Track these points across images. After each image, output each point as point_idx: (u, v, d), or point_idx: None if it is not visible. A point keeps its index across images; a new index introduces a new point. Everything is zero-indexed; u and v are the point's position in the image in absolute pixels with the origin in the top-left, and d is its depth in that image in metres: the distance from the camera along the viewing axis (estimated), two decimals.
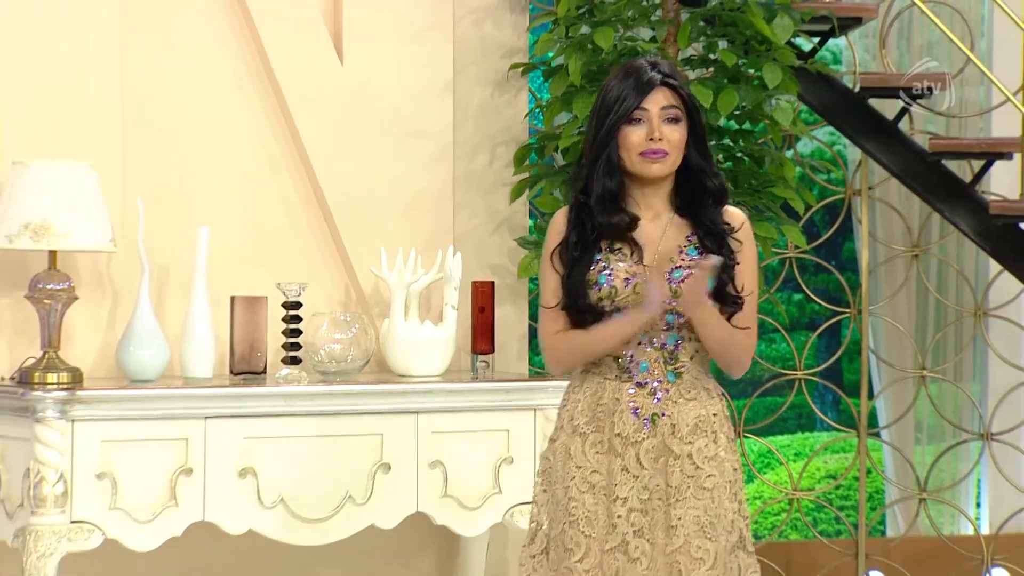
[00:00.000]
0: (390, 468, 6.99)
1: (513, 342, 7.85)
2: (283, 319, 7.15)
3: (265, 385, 7.02)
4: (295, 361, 7.13)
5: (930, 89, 8.25)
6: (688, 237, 5.37)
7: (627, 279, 5.32)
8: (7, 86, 7.11)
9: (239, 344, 7.12)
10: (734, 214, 5.42)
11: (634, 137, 5.32)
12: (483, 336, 7.45)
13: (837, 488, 10.44)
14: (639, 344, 5.36)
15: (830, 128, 8.62)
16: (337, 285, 7.59)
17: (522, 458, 7.18)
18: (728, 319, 5.34)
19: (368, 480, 6.96)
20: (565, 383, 7.23)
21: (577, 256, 5.38)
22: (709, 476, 5.32)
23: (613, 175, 5.36)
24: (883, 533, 9.69)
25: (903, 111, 8.31)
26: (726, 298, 5.33)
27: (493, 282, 7.55)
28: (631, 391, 5.37)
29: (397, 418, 7.05)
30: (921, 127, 8.80)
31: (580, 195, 5.42)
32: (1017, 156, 8.14)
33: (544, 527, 5.46)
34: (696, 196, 5.39)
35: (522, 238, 7.75)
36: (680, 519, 5.30)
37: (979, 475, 9.73)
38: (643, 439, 5.35)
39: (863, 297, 9.04)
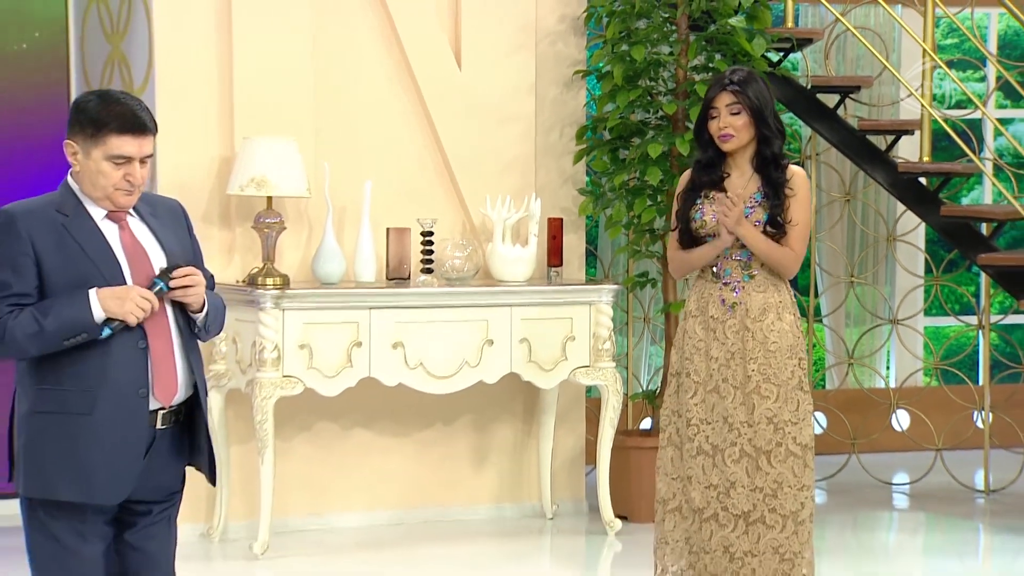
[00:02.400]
0: (493, 343, 7.10)
1: (575, 259, 7.75)
2: (421, 243, 7.18)
3: (409, 287, 7.10)
4: (429, 271, 7.16)
5: (858, 87, 8.26)
6: (759, 187, 5.45)
7: (712, 216, 5.42)
8: (240, 84, 7.15)
9: (392, 259, 7.16)
10: (793, 172, 5.48)
11: (712, 127, 5.43)
12: (555, 255, 7.44)
13: None
14: (725, 258, 5.45)
15: (790, 113, 8.42)
16: (457, 220, 7.57)
17: (581, 337, 7.25)
18: (779, 240, 5.42)
19: (478, 351, 7.08)
20: (613, 287, 7.41)
21: (687, 198, 5.51)
22: (773, 342, 5.42)
23: (706, 150, 5.49)
24: (824, 386, 9.57)
25: (840, 101, 8.24)
26: (775, 224, 5.42)
27: (561, 219, 7.54)
28: (720, 288, 5.47)
29: (497, 309, 7.14)
30: (852, 112, 8.63)
31: (696, 161, 5.57)
32: (917, 132, 8.03)
33: (675, 374, 5.57)
34: (763, 160, 5.48)
35: (581, 188, 7.70)
36: (753, 371, 5.41)
37: (888, 347, 9.64)
38: (727, 319, 5.45)
39: (812, 228, 8.68)
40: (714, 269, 5.51)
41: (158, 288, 3.86)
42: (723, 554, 5.44)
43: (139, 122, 3.87)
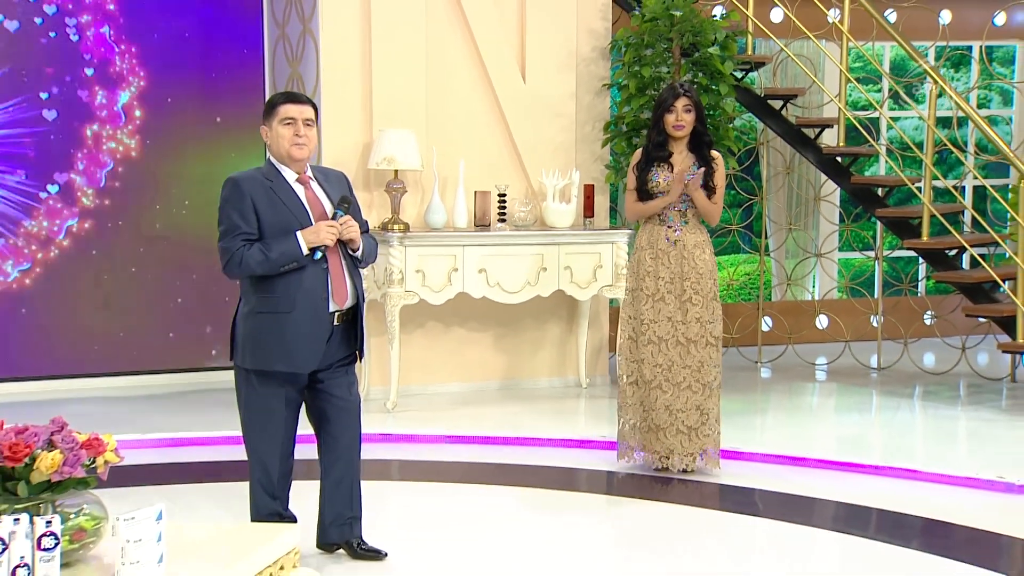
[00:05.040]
0: (546, 269, 7.12)
1: (603, 211, 7.68)
2: (497, 201, 7.20)
3: (490, 231, 7.08)
4: (503, 220, 7.18)
5: (795, 95, 8.16)
6: (693, 163, 5.43)
7: (664, 179, 5.39)
8: (376, 93, 7.09)
9: (478, 212, 7.16)
10: (715, 154, 5.46)
11: (669, 118, 5.40)
12: (588, 209, 7.42)
13: (749, 279, 10.38)
14: (670, 208, 5.44)
15: (750, 115, 8.50)
16: (522, 185, 7.52)
17: (606, 265, 7.24)
18: (709, 199, 5.42)
19: (537, 273, 7.09)
20: (628, 231, 7.22)
21: (643, 168, 5.48)
22: (701, 268, 5.44)
23: (660, 135, 5.45)
24: (770, 299, 9.56)
25: (784, 105, 8.14)
26: (708, 190, 5.42)
27: (593, 185, 7.51)
28: (665, 228, 5.46)
29: (550, 247, 7.13)
30: (792, 112, 8.57)
31: (648, 143, 5.51)
32: (836, 126, 7.95)
33: (632, 290, 5.55)
34: (698, 145, 5.46)
35: (607, 164, 7.64)
36: (687, 287, 5.44)
37: (814, 274, 9.59)
38: (670, 250, 5.46)
39: (764, 192, 8.89)
40: (660, 216, 5.47)
41: (337, 215, 3.95)
42: (664, 411, 5.49)
43: (296, 96, 3.99)
